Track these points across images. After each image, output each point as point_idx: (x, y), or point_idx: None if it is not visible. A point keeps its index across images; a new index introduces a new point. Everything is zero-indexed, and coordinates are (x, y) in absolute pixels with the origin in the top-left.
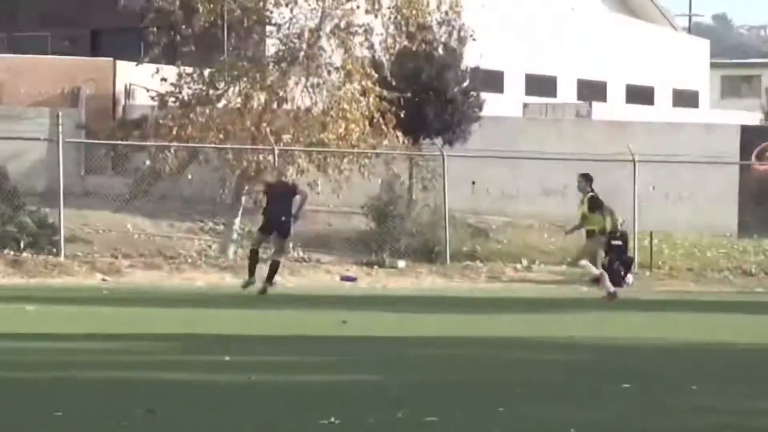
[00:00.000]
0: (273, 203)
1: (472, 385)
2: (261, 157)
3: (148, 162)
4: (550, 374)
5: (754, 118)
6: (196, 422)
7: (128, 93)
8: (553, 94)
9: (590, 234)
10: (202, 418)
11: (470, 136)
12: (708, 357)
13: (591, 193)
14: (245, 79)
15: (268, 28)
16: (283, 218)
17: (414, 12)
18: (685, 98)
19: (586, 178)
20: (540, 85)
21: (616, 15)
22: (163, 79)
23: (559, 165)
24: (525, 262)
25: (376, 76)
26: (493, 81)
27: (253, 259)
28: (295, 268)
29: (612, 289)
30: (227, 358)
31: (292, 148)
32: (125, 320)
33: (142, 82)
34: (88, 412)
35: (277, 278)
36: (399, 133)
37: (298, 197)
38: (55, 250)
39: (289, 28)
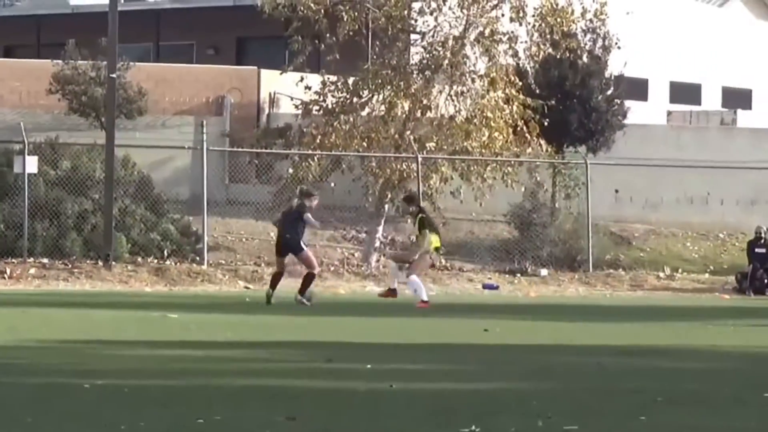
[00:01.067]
0: (281, 226)
1: (614, 393)
2: (404, 165)
3: (291, 170)
4: (692, 382)
5: None
6: (336, 429)
7: (272, 101)
8: (698, 102)
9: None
10: (343, 426)
11: (614, 144)
12: None
13: (420, 214)
14: (389, 87)
15: (413, 36)
16: (287, 236)
17: (558, 20)
18: None
19: (408, 201)
20: (684, 92)
21: (761, 22)
22: (307, 88)
23: (703, 173)
24: (668, 270)
25: (520, 83)
26: (638, 89)
27: (275, 279)
28: (437, 276)
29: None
30: (368, 366)
31: (436, 156)
32: (267, 328)
33: (286, 90)
34: (229, 420)
35: (313, 289)
36: (542, 141)
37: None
38: (198, 258)
39: (433, 36)
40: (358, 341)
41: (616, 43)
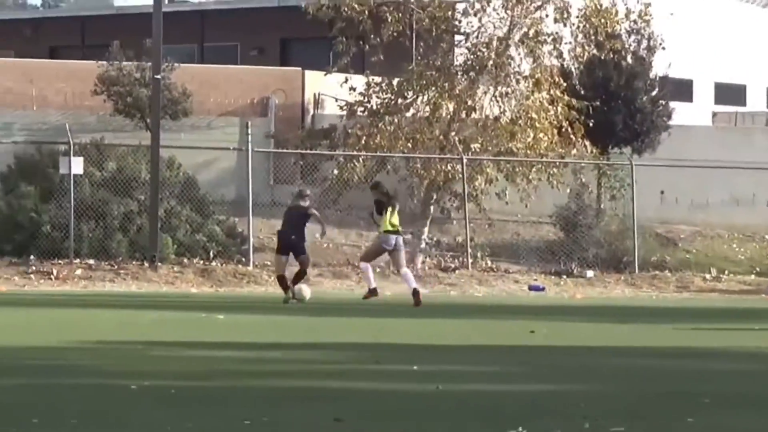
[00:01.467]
0: (285, 225)
1: (660, 395)
2: (449, 167)
3: (336, 171)
4: (739, 384)
5: None
6: (383, 431)
7: (317, 102)
8: (743, 103)
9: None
10: (389, 427)
11: (659, 145)
12: None
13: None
14: (433, 88)
15: (457, 37)
16: (293, 237)
17: (603, 21)
18: None
19: (372, 188)
20: (729, 93)
21: None
22: (352, 89)
23: (749, 174)
24: (714, 271)
25: (565, 85)
26: (682, 90)
27: (282, 282)
28: (483, 278)
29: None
30: (415, 368)
31: (481, 157)
32: (313, 329)
33: (330, 91)
34: (276, 421)
35: (303, 289)
36: (587, 142)
37: (313, 220)
38: (243, 259)
39: (477, 36)
40: (405, 342)
41: (661, 44)
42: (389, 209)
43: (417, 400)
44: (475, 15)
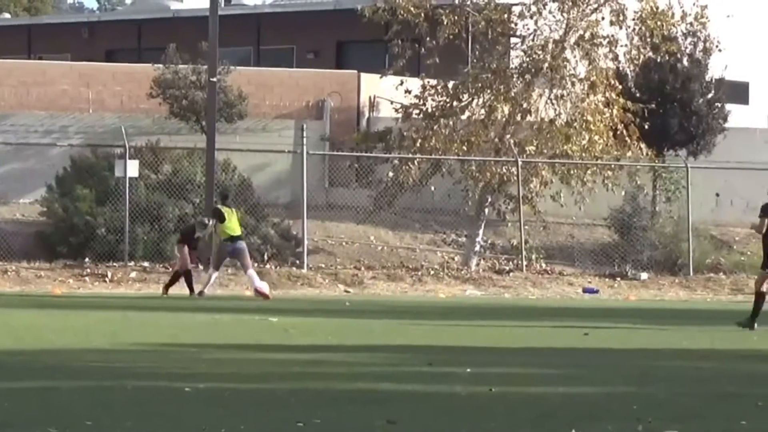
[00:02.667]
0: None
1: (713, 397)
2: (504, 169)
3: (391, 174)
4: None
5: None
6: None
7: (372, 105)
8: None
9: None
10: (442, 429)
11: (714, 147)
12: None
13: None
14: (489, 90)
15: (513, 39)
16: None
17: (659, 23)
18: None
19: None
20: None
21: None
22: (407, 92)
23: None
24: None
25: (620, 87)
26: (738, 92)
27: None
28: (537, 280)
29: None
30: (468, 370)
31: (536, 159)
32: (367, 331)
33: (386, 94)
34: (329, 423)
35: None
36: (642, 145)
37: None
38: (298, 261)
39: (533, 39)
40: (458, 345)
41: (717, 46)
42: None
43: (469, 403)
44: (531, 17)
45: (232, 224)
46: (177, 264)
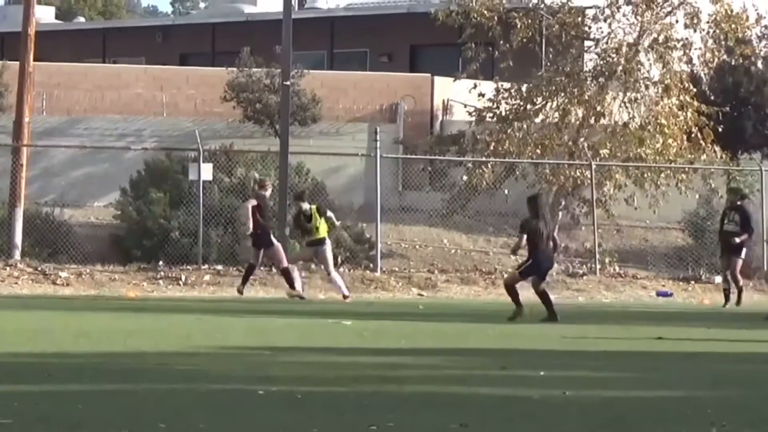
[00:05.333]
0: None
1: None
2: (578, 172)
3: (465, 177)
4: None
5: None
6: None
7: (446, 108)
8: None
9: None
10: None
11: None
12: None
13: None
14: (563, 94)
15: (586, 42)
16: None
17: (733, 26)
18: None
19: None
20: None
21: None
22: (481, 95)
23: None
24: None
25: (695, 90)
26: None
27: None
28: (611, 284)
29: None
30: (541, 373)
31: (609, 163)
32: (440, 335)
33: (459, 97)
34: (401, 426)
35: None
36: (717, 148)
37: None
38: (371, 265)
39: (607, 42)
40: (531, 348)
41: None
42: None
43: (543, 406)
44: (605, 21)
45: (321, 225)
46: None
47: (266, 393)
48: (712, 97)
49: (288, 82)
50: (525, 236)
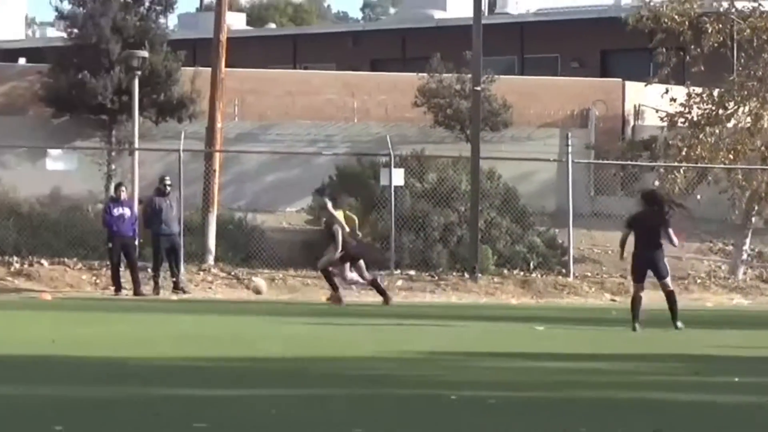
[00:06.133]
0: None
1: None
2: None
3: (657, 182)
4: None
5: None
6: None
7: (637, 113)
8: None
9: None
10: None
11: None
12: None
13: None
14: (755, 98)
15: None
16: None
17: None
18: None
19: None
20: None
21: None
22: (672, 100)
23: None
24: None
25: None
26: None
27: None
28: None
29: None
30: (736, 379)
31: None
32: (632, 341)
33: (650, 102)
34: (593, 431)
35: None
36: None
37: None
38: (564, 270)
39: None
40: (725, 354)
41: None
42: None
43: (737, 412)
44: None
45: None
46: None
47: (459, 398)
48: None
49: (478, 88)
50: (629, 231)
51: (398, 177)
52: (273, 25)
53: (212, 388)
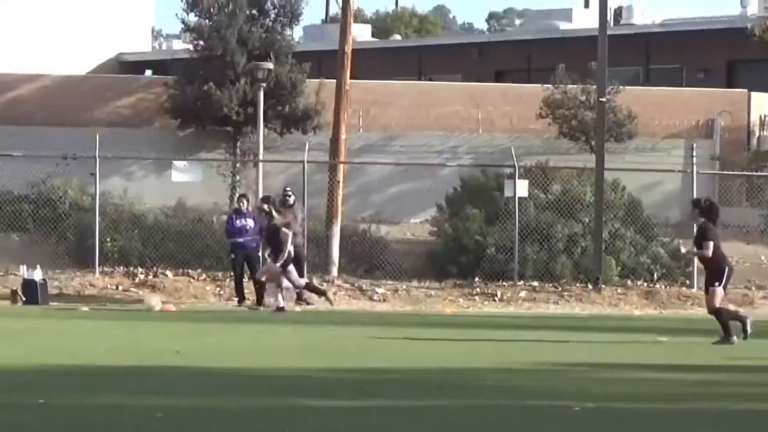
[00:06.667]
0: None
1: None
2: None
3: None
4: None
5: None
6: None
7: (763, 124)
8: None
9: None
10: None
11: None
12: None
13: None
14: None
15: None
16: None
17: None
18: None
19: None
20: None
21: None
22: None
23: None
24: None
25: None
26: None
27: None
28: None
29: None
30: None
31: None
32: (754, 351)
33: None
34: None
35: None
36: None
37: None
38: (688, 281)
39: None
40: None
41: None
42: None
43: None
44: None
45: None
46: None
47: (583, 410)
48: None
49: (603, 99)
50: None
51: (522, 188)
52: (398, 37)
53: (337, 399)
